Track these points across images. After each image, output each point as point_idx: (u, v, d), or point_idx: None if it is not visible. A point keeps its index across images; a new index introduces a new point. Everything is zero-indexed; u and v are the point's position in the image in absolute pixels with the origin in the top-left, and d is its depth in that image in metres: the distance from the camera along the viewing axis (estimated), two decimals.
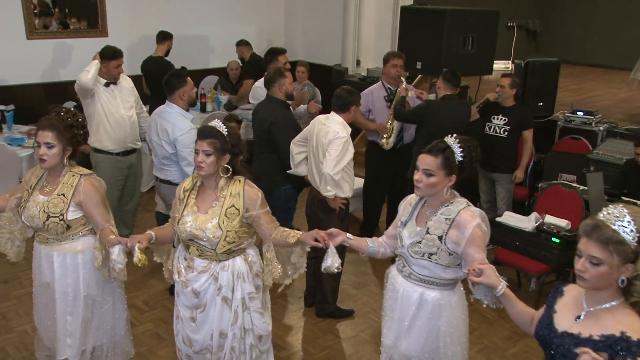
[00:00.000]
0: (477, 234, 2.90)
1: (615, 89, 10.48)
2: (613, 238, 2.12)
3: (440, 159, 2.94)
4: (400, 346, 3.18)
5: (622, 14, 12.79)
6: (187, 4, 8.87)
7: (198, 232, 3.24)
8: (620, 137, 6.54)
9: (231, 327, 3.40)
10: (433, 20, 6.39)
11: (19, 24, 7.60)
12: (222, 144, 3.22)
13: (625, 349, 2.08)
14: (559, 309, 2.38)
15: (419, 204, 3.15)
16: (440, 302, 3.07)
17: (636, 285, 2.16)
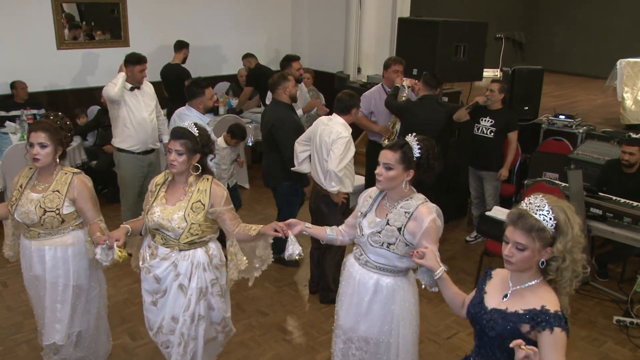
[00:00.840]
0: (432, 227, 2.90)
1: (592, 95, 10.47)
2: (535, 226, 2.21)
3: (399, 154, 2.94)
4: (359, 329, 3.16)
5: (598, 29, 12.98)
6: (202, 17, 8.85)
7: (164, 222, 3.25)
8: (598, 139, 6.59)
9: (183, 313, 3.38)
10: (428, 31, 6.34)
11: (50, 35, 7.59)
12: (193, 144, 3.23)
13: (545, 320, 2.18)
14: (488, 290, 2.46)
15: (379, 197, 3.13)
16: (395, 288, 3.06)
17: (552, 265, 2.25)
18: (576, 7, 13.45)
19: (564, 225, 2.21)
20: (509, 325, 2.26)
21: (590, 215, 5.13)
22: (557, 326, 2.17)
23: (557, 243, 2.21)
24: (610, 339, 4.66)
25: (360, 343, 3.17)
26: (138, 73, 5.52)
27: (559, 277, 2.26)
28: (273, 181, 5.33)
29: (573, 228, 2.22)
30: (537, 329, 2.20)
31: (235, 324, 4.63)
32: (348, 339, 3.24)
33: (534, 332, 2.21)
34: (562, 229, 2.21)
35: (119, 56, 5.85)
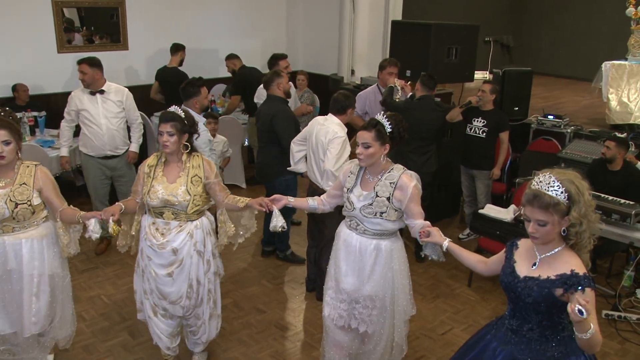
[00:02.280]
0: (415, 192, 3.19)
1: (578, 96, 10.45)
2: (551, 202, 2.34)
3: (374, 132, 3.18)
4: (364, 290, 3.36)
5: (583, 32, 13.07)
6: (199, 20, 8.78)
7: (170, 198, 3.45)
8: (585, 139, 6.57)
9: (205, 274, 3.66)
10: (421, 33, 6.29)
11: (51, 39, 7.50)
12: (181, 125, 3.47)
13: (576, 282, 2.32)
14: (517, 259, 2.59)
15: (360, 172, 3.34)
16: (392, 248, 3.34)
17: (571, 231, 2.40)
18: (560, 12, 13.47)
19: (575, 195, 2.35)
20: (544, 291, 2.38)
21: None
22: (587, 286, 2.31)
23: (573, 211, 2.34)
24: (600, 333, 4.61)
25: (367, 302, 3.38)
26: (79, 74, 5.38)
27: (579, 239, 2.41)
28: (270, 175, 5.26)
29: (584, 195, 2.37)
30: (570, 291, 2.32)
31: (232, 321, 4.61)
32: (353, 300, 3.43)
33: (567, 295, 2.33)
34: (574, 199, 2.35)
35: (118, 59, 5.79)
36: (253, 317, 4.70)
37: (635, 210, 4.79)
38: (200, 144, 4.67)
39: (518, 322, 2.54)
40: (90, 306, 4.77)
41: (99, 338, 4.35)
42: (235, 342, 4.36)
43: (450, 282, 5.34)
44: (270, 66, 6.28)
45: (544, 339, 2.46)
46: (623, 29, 11.18)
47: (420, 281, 5.33)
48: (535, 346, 2.49)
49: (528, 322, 2.49)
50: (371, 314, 3.40)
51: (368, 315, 3.41)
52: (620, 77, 7.33)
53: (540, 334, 2.46)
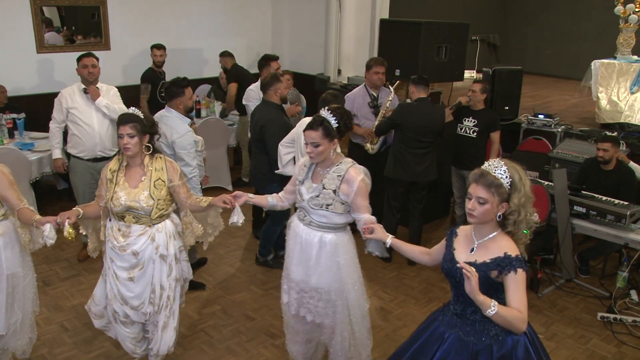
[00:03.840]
0: (362, 186, 3.21)
1: (566, 95, 10.44)
2: (494, 182, 2.47)
3: (321, 130, 3.18)
4: (310, 281, 3.39)
5: (568, 32, 13.17)
6: (183, 20, 8.61)
7: (133, 204, 3.38)
8: (576, 138, 6.52)
9: (167, 278, 3.56)
10: (410, 32, 6.15)
11: (29, 39, 7.28)
12: (141, 126, 3.37)
13: (509, 264, 2.46)
14: (456, 246, 2.70)
15: (313, 165, 3.37)
16: (337, 242, 3.34)
17: (509, 220, 2.53)
18: (544, 11, 13.51)
19: (517, 182, 2.50)
20: (481, 274, 2.47)
21: (574, 213, 5.01)
22: (519, 267, 2.46)
23: (513, 198, 2.49)
24: (596, 336, 4.55)
25: (312, 293, 3.41)
26: (81, 69, 5.10)
27: (516, 229, 2.54)
28: (261, 182, 5.12)
29: (525, 186, 2.52)
30: (503, 273, 2.47)
31: (221, 329, 4.47)
32: (301, 290, 3.46)
33: (501, 276, 2.48)
34: (516, 186, 2.50)
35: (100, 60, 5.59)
36: (242, 324, 4.56)
37: (630, 211, 4.72)
38: (185, 145, 4.57)
39: (462, 306, 2.65)
40: (73, 315, 4.59)
41: (82, 349, 4.18)
42: (224, 350, 4.21)
43: (444, 285, 5.23)
44: (260, 67, 6.13)
45: (486, 320, 2.54)
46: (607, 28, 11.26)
47: (413, 285, 5.22)
48: (479, 327, 2.60)
49: (470, 305, 2.57)
50: (317, 306, 3.43)
51: (315, 306, 3.45)
52: (610, 75, 7.30)
53: (482, 315, 2.53)
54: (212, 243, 5.83)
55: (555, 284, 5.28)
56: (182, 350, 4.19)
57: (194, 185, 4.65)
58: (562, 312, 4.87)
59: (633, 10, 7.41)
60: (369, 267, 5.48)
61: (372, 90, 5.78)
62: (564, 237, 5.05)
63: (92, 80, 5.14)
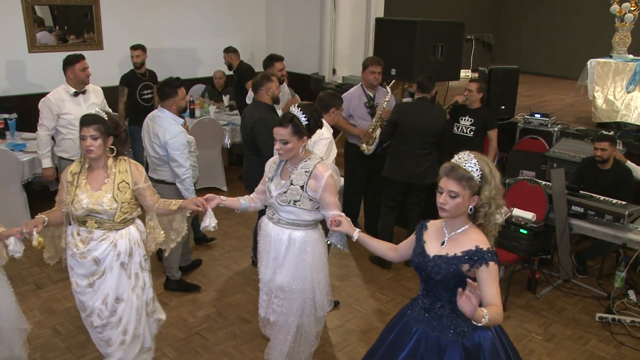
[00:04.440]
0: (330, 182, 3.20)
1: (561, 94, 10.43)
2: (465, 175, 2.46)
3: (290, 127, 3.16)
4: (276, 280, 3.37)
5: (563, 31, 13.21)
6: (177, 19, 8.55)
7: (95, 207, 3.23)
8: (572, 137, 6.49)
9: (133, 289, 3.39)
10: (406, 31, 6.12)
11: (21, 39, 7.20)
12: (105, 128, 3.24)
13: (480, 257, 2.45)
14: (426, 239, 2.68)
15: (282, 162, 3.36)
16: (306, 240, 3.32)
17: (480, 212, 2.53)
18: (539, 11, 13.53)
19: (488, 175, 2.48)
20: (452, 267, 2.49)
21: (572, 213, 4.98)
22: (490, 260, 2.45)
23: (484, 190, 2.48)
24: (595, 337, 4.51)
25: (278, 292, 3.40)
26: (80, 72, 5.07)
27: (487, 222, 2.54)
28: (254, 184, 5.04)
29: (495, 178, 2.50)
30: (475, 266, 2.46)
31: (217, 332, 4.40)
32: (269, 290, 3.46)
33: (473, 269, 2.47)
34: (487, 178, 2.48)
35: (93, 59, 5.56)
36: (238, 327, 4.50)
37: (628, 211, 4.68)
38: (178, 146, 4.51)
39: (430, 301, 2.64)
40: (66, 319, 4.52)
41: (75, 353, 4.11)
42: (220, 354, 4.15)
43: None
44: (265, 67, 6.06)
45: (455, 315, 2.55)
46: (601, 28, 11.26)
47: (410, 286, 5.17)
48: (447, 322, 2.58)
49: (439, 299, 2.59)
50: (281, 305, 3.43)
51: (279, 305, 3.44)
52: (606, 74, 7.27)
53: (451, 310, 2.55)
54: (207, 244, 5.86)
55: (552, 284, 5.25)
56: (176, 353, 4.13)
57: (187, 186, 4.59)
58: (561, 312, 4.83)
59: (629, 9, 7.38)
60: (366, 268, 5.44)
61: (369, 90, 5.72)
62: (562, 237, 5.01)
63: (88, 82, 5.14)
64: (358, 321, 4.58)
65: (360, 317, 4.62)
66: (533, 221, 4.84)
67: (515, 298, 5.01)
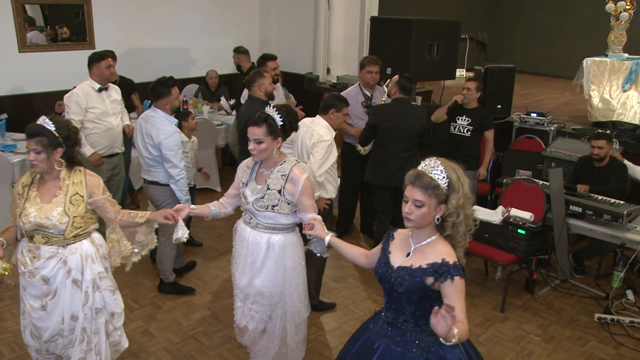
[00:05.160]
0: (307, 185, 3.15)
1: (556, 93, 10.41)
2: (431, 184, 2.34)
3: (265, 127, 3.10)
4: (255, 285, 3.30)
5: (558, 30, 13.21)
6: (169, 19, 8.47)
7: (44, 221, 3.03)
8: (569, 136, 6.45)
9: (82, 308, 3.17)
10: (401, 29, 6.06)
11: (11, 38, 7.11)
12: (50, 140, 3.01)
13: (446, 271, 2.34)
14: (392, 249, 2.58)
15: (256, 166, 3.29)
16: (285, 243, 3.28)
17: (448, 222, 2.40)
18: (533, 10, 13.53)
19: (455, 183, 2.37)
20: (416, 280, 2.39)
21: (570, 213, 4.95)
22: (456, 275, 2.34)
23: (451, 199, 2.36)
24: (594, 337, 4.48)
25: (256, 297, 3.33)
26: (105, 70, 5.19)
27: (455, 232, 2.42)
28: None
29: (463, 186, 2.38)
30: (440, 280, 2.35)
31: (212, 335, 4.34)
32: (245, 296, 3.38)
33: (437, 283, 2.36)
34: (454, 186, 2.36)
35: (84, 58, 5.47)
36: (232, 330, 4.39)
37: (627, 210, 4.65)
38: (172, 146, 4.45)
39: (393, 315, 2.54)
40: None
41: None
42: (215, 357, 4.09)
43: None
44: (258, 66, 6.03)
45: (419, 329, 2.48)
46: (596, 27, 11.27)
47: None
48: (411, 337, 2.49)
49: (402, 313, 2.50)
50: (259, 311, 3.36)
51: (257, 311, 3.37)
52: (602, 73, 7.24)
53: (414, 324, 2.48)
54: (202, 246, 5.80)
55: (550, 284, 5.21)
56: (171, 357, 4.07)
57: (181, 187, 4.53)
58: (559, 313, 4.80)
59: (624, 7, 7.36)
60: (362, 270, 5.38)
61: (366, 90, 5.66)
62: (560, 237, 4.98)
63: (111, 80, 5.29)
64: (355, 323, 4.51)
65: (357, 319, 4.55)
66: (531, 221, 4.80)
67: (514, 299, 4.97)
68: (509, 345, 4.34)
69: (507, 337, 4.45)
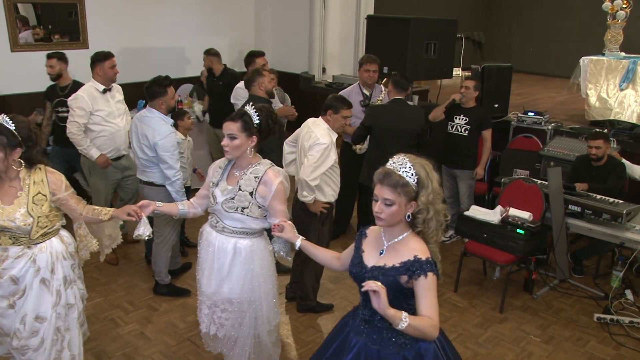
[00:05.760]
0: (280, 189, 3.10)
1: (553, 92, 10.41)
2: (400, 182, 2.33)
3: (240, 123, 3.05)
4: (222, 292, 3.23)
5: (554, 30, 13.23)
6: (164, 18, 8.39)
7: (6, 223, 2.98)
8: (566, 135, 6.42)
9: (53, 308, 3.13)
10: (398, 28, 6.00)
11: (3, 37, 7.03)
12: (9, 140, 2.94)
13: (419, 268, 2.34)
14: (365, 248, 2.56)
15: (228, 166, 3.23)
16: (253, 248, 3.20)
17: (419, 218, 2.39)
18: (529, 9, 13.54)
19: (424, 179, 2.35)
20: (390, 279, 2.38)
21: (569, 212, 4.92)
22: (429, 271, 2.34)
23: (421, 196, 2.35)
24: (594, 338, 4.45)
25: (225, 305, 3.26)
26: (109, 70, 5.11)
27: (426, 228, 2.40)
28: None
29: (432, 182, 2.37)
30: (413, 277, 2.34)
31: None
32: (213, 304, 3.30)
33: (411, 281, 2.36)
34: (423, 183, 2.35)
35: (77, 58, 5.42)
36: None
37: (626, 209, 4.63)
38: (168, 147, 4.40)
39: (370, 312, 2.51)
40: None
41: None
42: (211, 359, 4.05)
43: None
44: (246, 64, 5.97)
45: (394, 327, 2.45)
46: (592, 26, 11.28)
47: None
48: (387, 335, 2.48)
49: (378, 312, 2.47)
50: (228, 318, 3.30)
51: (226, 319, 3.30)
52: (599, 72, 7.23)
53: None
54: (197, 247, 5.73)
55: (549, 284, 5.18)
56: None
57: (177, 188, 4.48)
58: (558, 313, 4.77)
59: (621, 6, 7.35)
60: None
61: (365, 89, 5.62)
62: (559, 236, 4.95)
63: (115, 80, 5.20)
64: None
65: None
66: (530, 221, 4.77)
67: (512, 299, 4.94)
68: (509, 346, 4.30)
69: (507, 337, 4.42)
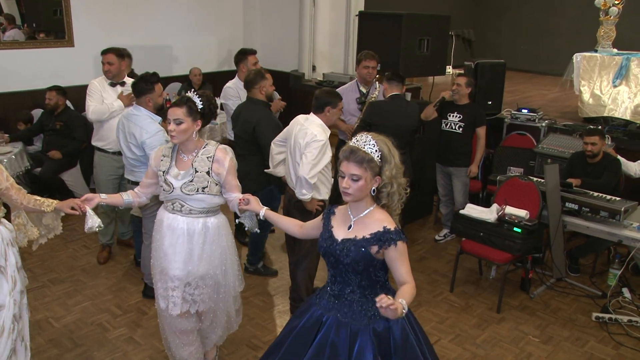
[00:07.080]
0: (232, 164, 3.31)
1: (544, 90, 10.37)
2: (365, 158, 2.45)
3: (185, 108, 3.19)
4: (196, 271, 3.34)
5: (543, 28, 13.23)
6: (151, 16, 8.26)
7: None
8: (560, 132, 6.36)
9: (10, 294, 3.10)
10: (391, 24, 5.92)
11: None
12: None
13: (389, 238, 2.47)
14: (334, 224, 2.67)
15: (174, 153, 3.34)
16: (219, 224, 3.38)
17: (383, 192, 2.53)
18: (518, 7, 13.54)
19: (387, 155, 2.50)
20: (361, 250, 2.49)
21: (566, 210, 4.85)
22: (399, 240, 2.47)
23: (385, 170, 2.49)
24: (593, 337, 4.38)
25: (198, 282, 3.37)
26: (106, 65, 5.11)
27: (390, 201, 2.55)
28: (253, 186, 4.77)
29: (394, 157, 2.52)
30: (384, 247, 2.47)
31: None
32: (186, 284, 3.37)
33: (382, 250, 2.49)
34: (386, 158, 2.50)
35: (63, 57, 5.28)
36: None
37: (624, 207, 4.56)
38: (156, 145, 4.21)
39: (339, 287, 2.63)
40: (37, 332, 4.22)
41: None
42: None
43: (431, 288, 5.02)
44: (237, 62, 5.83)
45: (365, 299, 2.58)
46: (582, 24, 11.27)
47: None
48: (357, 307, 2.59)
49: (348, 284, 2.60)
50: (203, 293, 3.41)
51: (200, 294, 3.41)
52: (592, 69, 7.18)
53: (360, 294, 2.58)
54: None
55: (546, 283, 5.11)
56: None
57: None
58: (556, 313, 4.69)
59: (613, 2, 7.31)
60: None
61: (362, 86, 5.50)
62: (556, 235, 4.88)
63: (111, 77, 5.15)
64: None
65: None
66: (527, 219, 4.70)
67: (509, 299, 4.86)
68: (507, 347, 4.22)
69: (505, 338, 4.33)
